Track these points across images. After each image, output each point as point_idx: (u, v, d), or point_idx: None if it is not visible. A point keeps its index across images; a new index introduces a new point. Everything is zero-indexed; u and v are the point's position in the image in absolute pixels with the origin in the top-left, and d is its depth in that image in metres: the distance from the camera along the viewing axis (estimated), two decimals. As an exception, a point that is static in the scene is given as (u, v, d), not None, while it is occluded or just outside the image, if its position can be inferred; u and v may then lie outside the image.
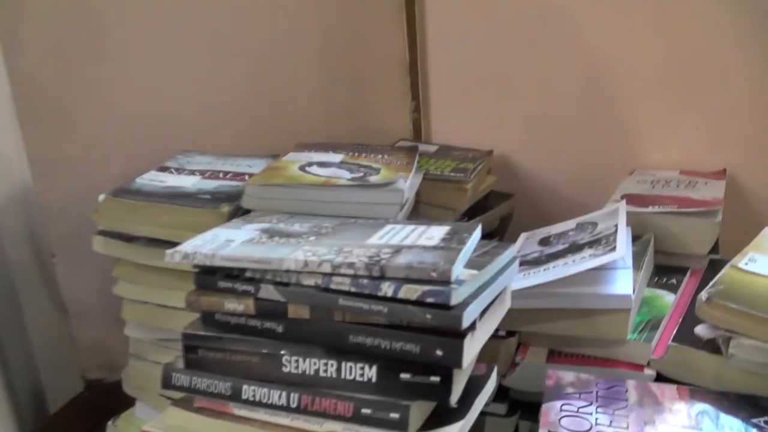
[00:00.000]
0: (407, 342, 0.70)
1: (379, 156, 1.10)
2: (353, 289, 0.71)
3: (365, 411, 0.71)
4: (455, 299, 0.67)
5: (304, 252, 0.75)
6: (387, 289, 0.69)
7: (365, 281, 0.70)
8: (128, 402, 1.09)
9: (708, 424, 0.78)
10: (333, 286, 0.72)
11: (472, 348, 0.71)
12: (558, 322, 0.94)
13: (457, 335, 0.68)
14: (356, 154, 1.10)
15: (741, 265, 0.92)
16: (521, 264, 1.01)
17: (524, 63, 1.37)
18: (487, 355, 0.85)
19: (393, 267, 0.70)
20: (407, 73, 1.42)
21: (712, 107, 1.29)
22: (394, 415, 0.70)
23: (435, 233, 0.80)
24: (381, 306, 0.70)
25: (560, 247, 1.02)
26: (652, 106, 1.32)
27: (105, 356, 1.32)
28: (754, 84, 1.25)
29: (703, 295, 0.85)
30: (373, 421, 0.71)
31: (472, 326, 0.70)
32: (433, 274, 0.68)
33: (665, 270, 1.10)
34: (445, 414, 0.74)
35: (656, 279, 1.08)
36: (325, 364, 0.73)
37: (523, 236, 1.14)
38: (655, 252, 1.12)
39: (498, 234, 1.30)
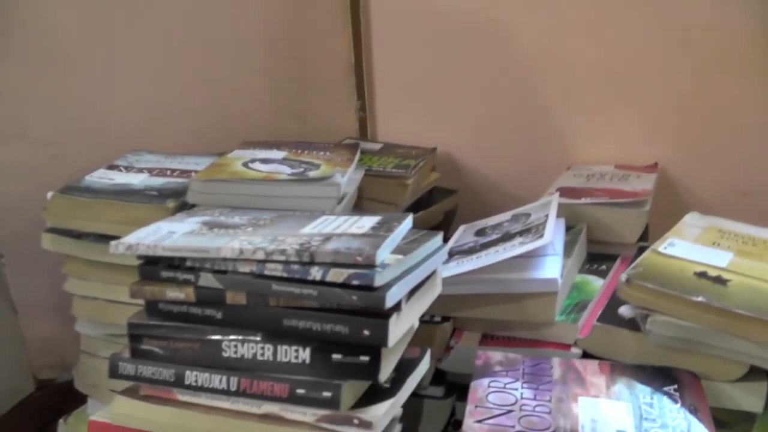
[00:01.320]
0: (337, 324, 0.74)
1: (321, 153, 1.14)
2: (285, 275, 0.75)
3: (300, 391, 0.75)
4: (379, 281, 0.71)
5: (240, 241, 0.79)
6: (316, 273, 0.73)
7: (296, 267, 0.74)
8: (80, 401, 1.10)
9: (625, 394, 0.83)
10: (267, 273, 0.76)
11: (398, 328, 0.75)
12: (489, 307, 0.99)
13: (382, 316, 0.72)
14: (299, 151, 1.14)
15: (660, 249, 0.98)
16: (457, 253, 1.05)
17: (466, 64, 1.42)
18: (422, 339, 0.90)
19: (322, 253, 0.74)
20: (353, 74, 1.46)
21: (644, 105, 1.35)
22: (327, 394, 0.74)
23: (366, 223, 0.84)
24: (311, 290, 0.73)
25: (494, 236, 1.07)
26: (587, 105, 1.37)
27: (56, 356, 1.33)
28: (686, 82, 1.31)
29: (623, 276, 0.90)
30: (308, 401, 0.75)
31: (397, 307, 0.74)
32: (359, 259, 0.72)
33: (597, 258, 1.15)
34: (379, 393, 0.78)
35: (588, 266, 1.13)
36: (262, 348, 0.77)
37: (461, 228, 1.18)
38: (588, 241, 1.17)
39: (442, 228, 1.33)
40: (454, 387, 1.02)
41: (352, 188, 1.10)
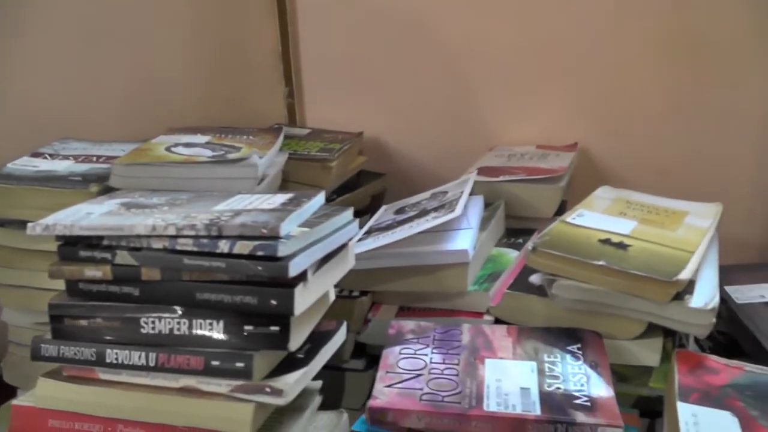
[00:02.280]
0: (246, 295, 0.76)
1: (244, 137, 1.16)
2: (195, 249, 0.77)
3: (215, 363, 0.77)
4: (283, 252, 0.74)
5: (154, 218, 0.81)
6: (224, 246, 0.75)
7: (205, 241, 0.76)
8: (11, 395, 1.07)
9: (530, 355, 0.87)
10: (178, 248, 0.78)
11: (305, 297, 0.78)
12: (405, 280, 1.02)
13: (288, 285, 0.75)
14: (222, 135, 1.16)
15: (569, 219, 1.02)
16: (375, 231, 1.08)
17: (392, 49, 1.45)
18: (341, 313, 0.94)
19: (229, 226, 0.76)
20: (280, 61, 1.49)
21: (566, 88, 1.40)
22: (240, 365, 0.76)
23: (277, 200, 0.87)
24: (220, 262, 0.76)
25: (411, 213, 1.10)
26: (510, 88, 1.42)
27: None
28: (606, 66, 1.36)
29: (530, 245, 0.94)
30: (222, 372, 0.77)
31: (303, 277, 0.76)
32: (264, 231, 0.75)
33: (515, 232, 1.19)
34: (294, 363, 0.81)
35: (506, 240, 1.17)
36: (178, 323, 0.79)
37: (383, 208, 1.22)
38: (507, 217, 1.21)
39: (371, 211, 1.37)
40: (375, 359, 1.05)
41: (273, 171, 1.12)
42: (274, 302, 0.76)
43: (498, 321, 0.99)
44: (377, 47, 1.45)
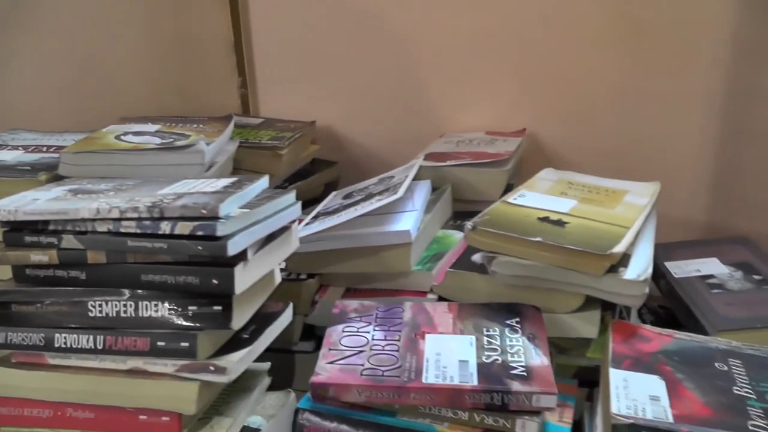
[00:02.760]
0: (189, 275, 0.78)
1: (195, 125, 1.18)
2: (138, 231, 0.79)
3: (160, 344, 0.79)
4: (221, 231, 0.76)
5: (98, 202, 0.82)
6: (165, 227, 0.77)
7: (148, 222, 0.78)
8: None
9: (470, 329, 0.89)
10: (122, 230, 0.79)
11: (245, 277, 0.80)
12: (350, 262, 1.05)
13: (228, 265, 0.77)
14: (173, 124, 1.17)
15: (510, 200, 1.04)
16: (323, 215, 1.10)
17: (343, 40, 1.47)
18: (289, 296, 0.96)
19: (170, 208, 0.78)
20: (233, 51, 1.50)
21: (514, 75, 1.42)
22: (185, 344, 0.78)
23: (220, 183, 0.89)
24: (162, 243, 0.78)
25: (358, 198, 1.12)
26: (460, 76, 1.44)
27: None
28: (552, 53, 1.39)
29: (469, 224, 0.96)
30: (168, 352, 0.79)
31: (243, 257, 0.78)
32: (204, 212, 0.77)
33: (463, 215, 1.21)
34: (239, 343, 0.83)
35: (452, 222, 1.19)
36: (125, 305, 0.80)
37: (332, 194, 1.24)
38: (455, 200, 1.23)
39: (324, 199, 1.39)
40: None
41: (223, 158, 1.13)
42: (215, 281, 0.78)
43: (441, 299, 1.01)
44: (330, 37, 1.47)
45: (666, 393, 0.78)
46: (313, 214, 1.13)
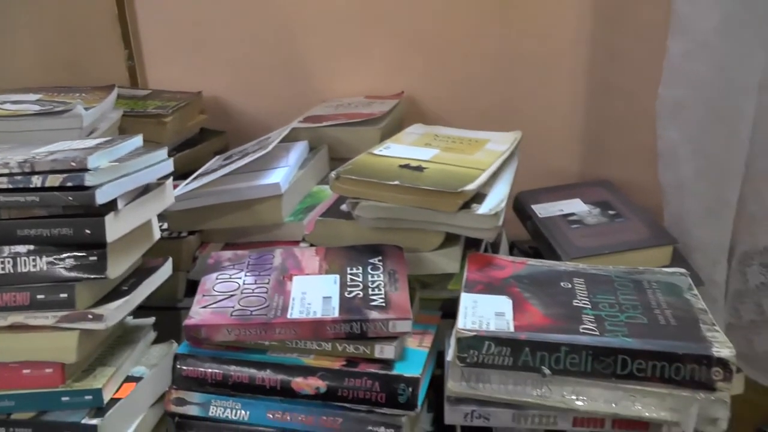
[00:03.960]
0: (62, 227, 0.83)
1: (77, 94, 1.21)
2: (11, 186, 0.82)
3: (40, 297, 0.83)
4: (90, 182, 0.81)
5: (-28, 163, 0.85)
6: (36, 181, 0.81)
7: (19, 177, 0.82)
8: None
9: (335, 270, 0.96)
10: (-5, 187, 0.83)
11: (117, 227, 0.85)
12: (227, 217, 1.11)
13: (99, 214, 0.82)
14: (55, 93, 1.21)
15: (375, 151, 1.11)
16: (202, 175, 1.15)
17: (228, 10, 1.51)
18: (171, 253, 1.01)
19: (41, 163, 0.82)
20: (118, 23, 1.52)
21: (392, 41, 1.49)
22: (64, 296, 0.83)
23: (94, 142, 0.93)
24: (34, 196, 0.82)
25: (236, 158, 1.17)
26: (341, 43, 1.50)
27: None
28: (427, 20, 1.46)
29: (333, 174, 1.01)
30: (48, 305, 0.83)
31: (113, 207, 0.83)
32: (73, 164, 0.81)
33: (340, 173, 1.27)
34: (118, 295, 0.88)
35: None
36: (2, 262, 0.84)
37: (215, 158, 1.28)
38: (332, 159, 1.30)
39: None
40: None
41: (105, 125, 1.18)
42: (88, 231, 0.82)
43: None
44: (214, 8, 1.51)
45: (511, 309, 0.86)
46: (194, 175, 1.17)
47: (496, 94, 1.48)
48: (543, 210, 1.22)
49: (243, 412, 0.87)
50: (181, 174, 1.11)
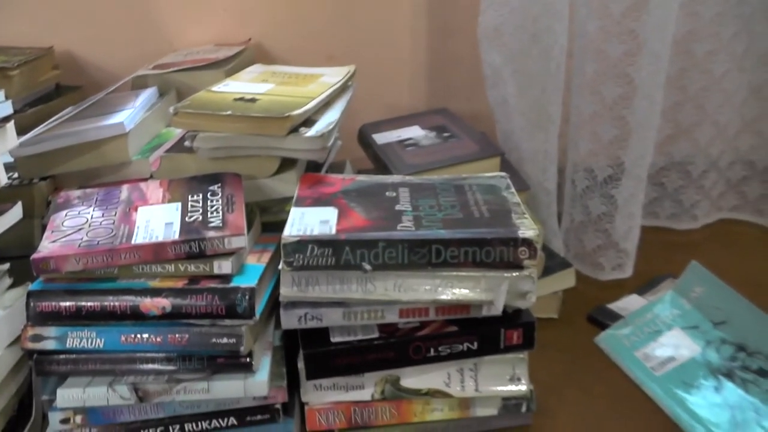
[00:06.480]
0: None
1: None
2: None
3: None
4: None
5: None
6: None
7: None
8: None
9: (177, 198, 1.02)
10: None
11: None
12: (75, 160, 1.15)
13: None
14: None
15: (213, 88, 1.17)
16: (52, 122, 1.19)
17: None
18: (24, 200, 1.05)
19: None
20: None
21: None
22: None
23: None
24: None
25: (85, 105, 1.21)
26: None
27: None
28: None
29: (171, 109, 1.07)
30: None
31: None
32: None
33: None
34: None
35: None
36: None
37: (70, 107, 1.30)
38: (180, 104, 1.35)
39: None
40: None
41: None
42: None
43: (161, 183, 1.12)
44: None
45: (336, 217, 0.94)
46: (45, 124, 1.20)
47: (341, 39, 1.57)
48: (382, 138, 1.31)
49: (98, 340, 0.92)
50: (39, 130, 1.14)
